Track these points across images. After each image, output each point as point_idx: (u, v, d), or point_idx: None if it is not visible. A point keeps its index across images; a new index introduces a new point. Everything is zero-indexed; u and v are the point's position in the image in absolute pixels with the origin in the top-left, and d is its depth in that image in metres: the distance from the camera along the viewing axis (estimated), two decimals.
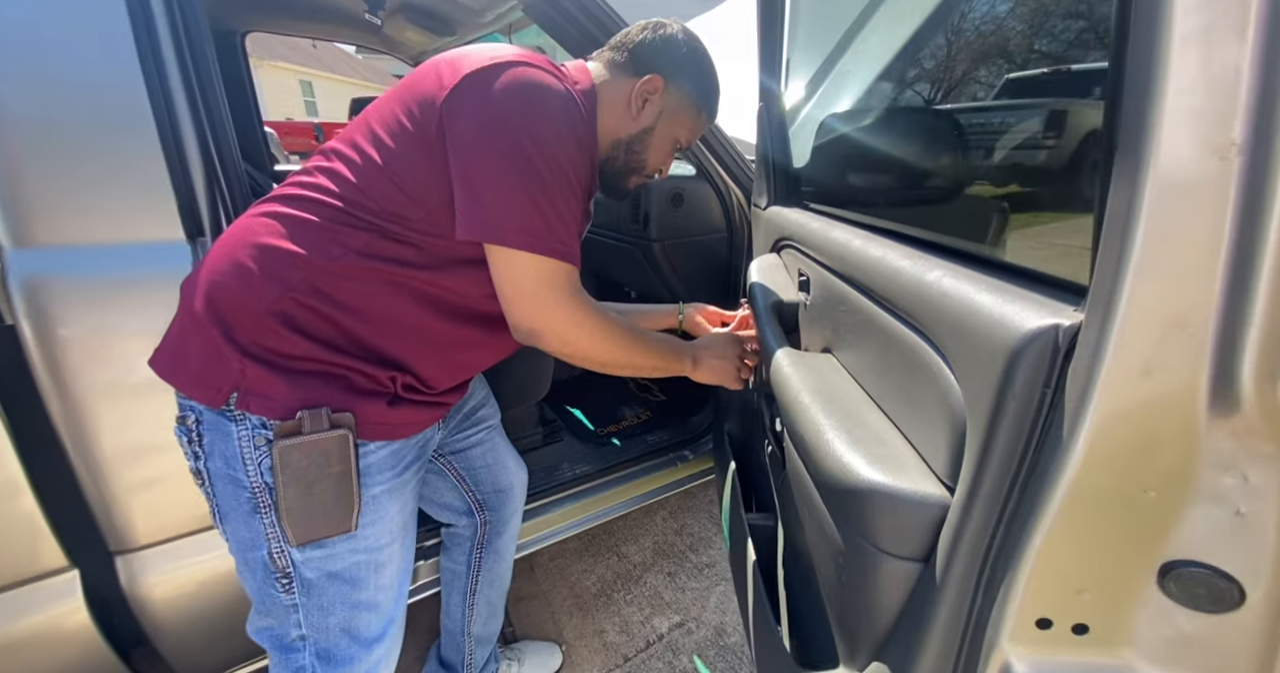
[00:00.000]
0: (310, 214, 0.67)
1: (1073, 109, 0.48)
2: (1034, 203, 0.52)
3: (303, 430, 0.65)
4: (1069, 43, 0.53)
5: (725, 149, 1.31)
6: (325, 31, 1.78)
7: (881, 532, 0.49)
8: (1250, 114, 0.25)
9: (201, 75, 0.78)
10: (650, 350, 0.81)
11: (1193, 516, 0.33)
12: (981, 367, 0.39)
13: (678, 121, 0.82)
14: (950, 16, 0.86)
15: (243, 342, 0.65)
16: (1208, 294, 0.28)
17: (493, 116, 0.63)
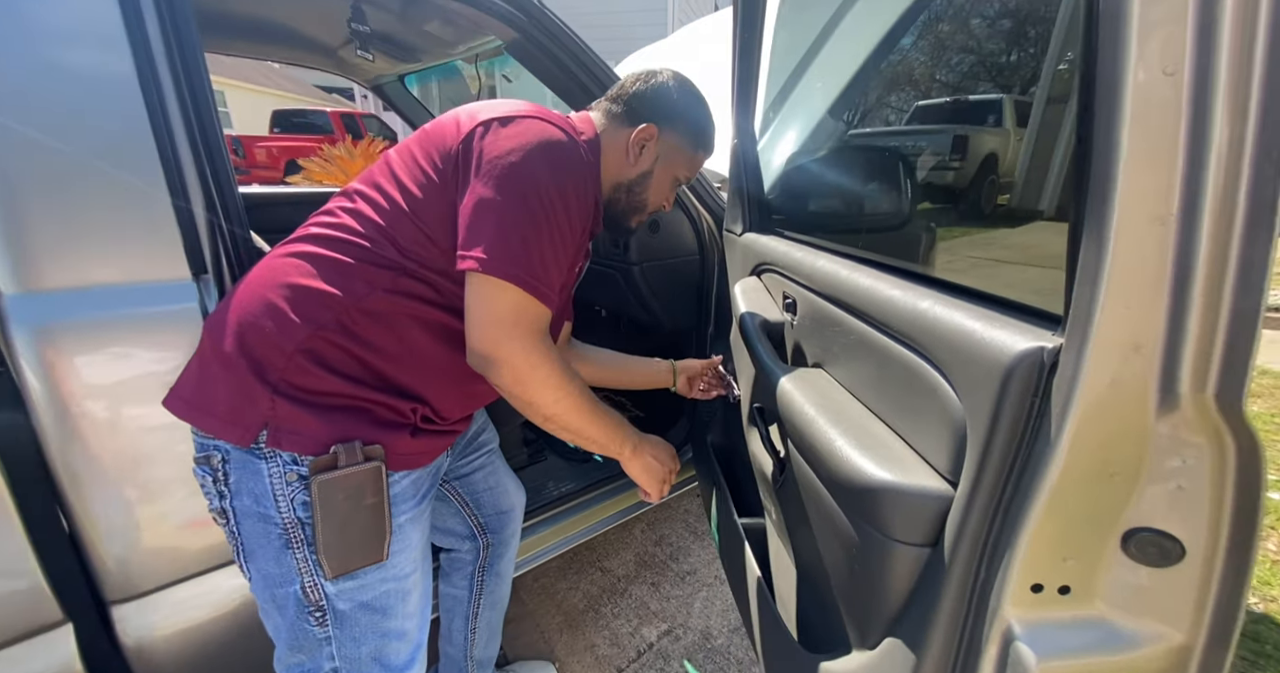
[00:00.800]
0: (340, 254, 0.69)
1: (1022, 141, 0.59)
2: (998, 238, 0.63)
3: (339, 464, 0.66)
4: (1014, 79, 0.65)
5: (697, 179, 1.40)
6: (284, 55, 1.74)
7: (894, 523, 0.57)
8: (1181, 190, 0.35)
9: (202, 112, 0.77)
10: (597, 421, 0.78)
11: (1146, 491, 0.43)
12: (979, 381, 0.48)
13: (674, 162, 0.88)
14: (904, 49, 1.00)
15: (273, 380, 0.65)
16: (1156, 326, 0.37)
17: (501, 160, 0.67)
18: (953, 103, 0.92)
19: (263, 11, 1.33)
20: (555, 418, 0.73)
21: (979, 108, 0.86)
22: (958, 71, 0.93)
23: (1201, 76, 0.32)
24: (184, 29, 0.75)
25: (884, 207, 1.04)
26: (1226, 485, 0.39)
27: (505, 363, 0.68)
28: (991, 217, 0.82)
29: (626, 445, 0.84)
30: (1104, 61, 0.34)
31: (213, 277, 0.79)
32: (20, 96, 0.65)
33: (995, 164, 0.86)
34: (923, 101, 1.01)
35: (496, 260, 0.64)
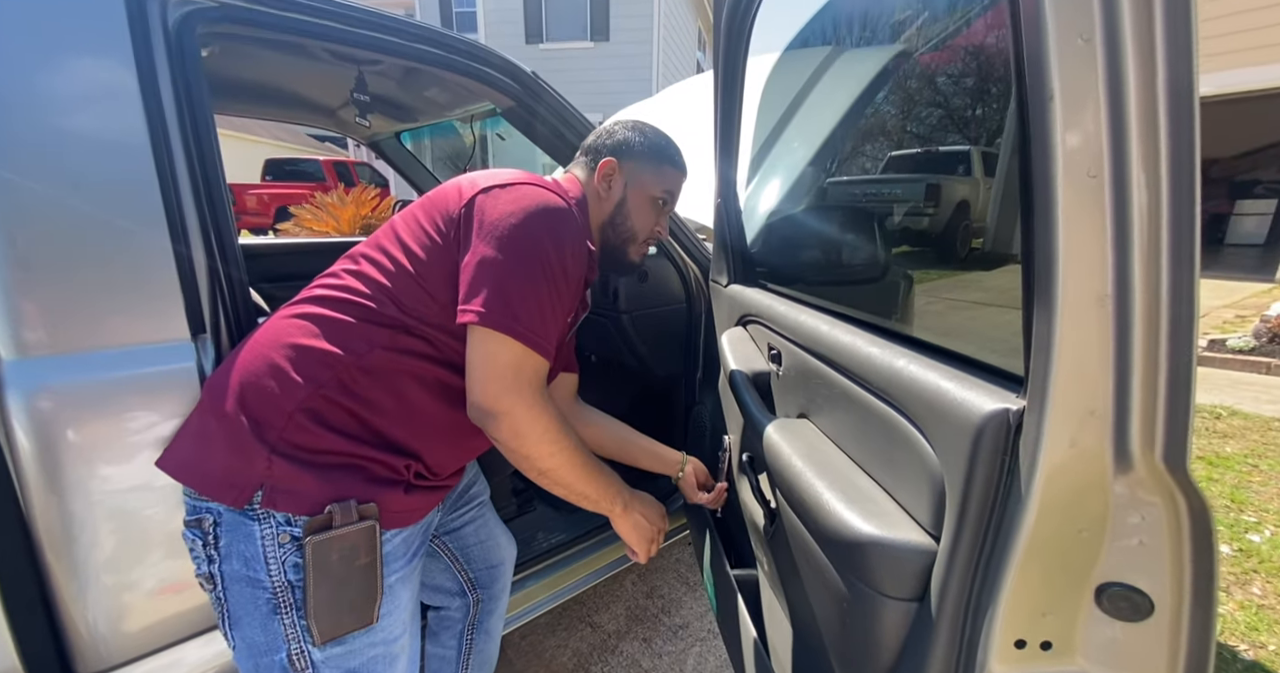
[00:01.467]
0: (341, 314, 0.71)
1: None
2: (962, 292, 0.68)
3: (334, 524, 0.66)
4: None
5: (682, 231, 1.47)
6: (284, 115, 1.81)
7: (882, 578, 0.58)
8: (1113, 276, 0.39)
9: (209, 174, 0.81)
10: (590, 477, 0.78)
11: (1113, 547, 0.45)
12: (953, 439, 0.51)
13: (643, 183, 0.91)
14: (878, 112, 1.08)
15: (271, 439, 0.66)
16: (1106, 393, 0.41)
17: (502, 221, 0.71)
18: (924, 153, 0.99)
19: (269, 78, 1.40)
20: (549, 472, 0.74)
21: (949, 158, 0.93)
22: (927, 124, 1.01)
23: (1118, 177, 0.37)
24: (196, 94, 0.79)
25: (860, 260, 1.10)
26: (1183, 541, 0.42)
27: (505, 416, 0.69)
28: (966, 260, 0.87)
29: (617, 503, 0.84)
30: (1038, 165, 0.39)
31: (210, 336, 0.81)
32: (30, 158, 0.67)
33: (968, 210, 0.92)
34: (895, 152, 1.08)
35: (496, 313, 0.67)
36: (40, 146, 0.68)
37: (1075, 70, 0.36)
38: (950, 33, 0.87)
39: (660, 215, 0.95)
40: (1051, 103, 0.37)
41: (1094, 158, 0.37)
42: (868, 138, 1.17)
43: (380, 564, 0.70)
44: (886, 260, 1.02)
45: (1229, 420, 2.97)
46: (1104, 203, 0.37)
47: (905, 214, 1.07)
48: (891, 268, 1.01)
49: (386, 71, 1.33)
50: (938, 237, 0.97)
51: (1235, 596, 1.70)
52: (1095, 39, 0.35)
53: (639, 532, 0.89)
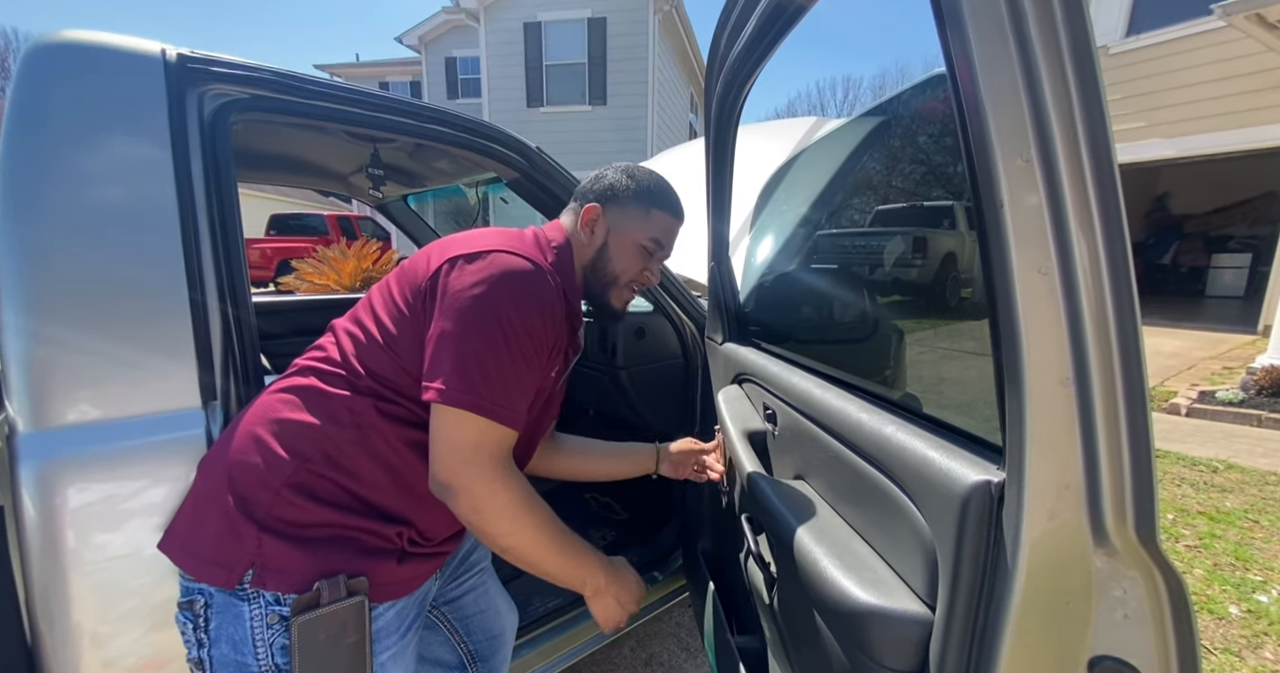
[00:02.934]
0: (324, 385, 0.73)
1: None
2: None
3: (321, 602, 0.65)
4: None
5: (677, 290, 1.53)
6: (298, 182, 1.91)
7: (882, 649, 0.58)
8: (1071, 360, 0.43)
9: (230, 244, 0.86)
10: (558, 555, 0.75)
11: (1100, 619, 0.46)
12: (942, 508, 0.53)
13: (627, 227, 0.88)
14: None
15: (260, 516, 0.67)
16: (1076, 468, 0.44)
17: (464, 293, 0.70)
18: (910, 208, 1.05)
19: (290, 151, 1.50)
20: (511, 550, 0.72)
21: (935, 212, 0.99)
22: (912, 179, 1.07)
23: (1066, 274, 0.42)
24: (224, 174, 0.85)
25: (846, 320, 1.15)
26: (1164, 613, 0.43)
27: (463, 491, 0.68)
28: (956, 310, 0.89)
29: (588, 587, 0.80)
30: (996, 262, 0.44)
31: (220, 404, 0.83)
32: (61, 233, 0.71)
33: (955, 262, 0.96)
34: (882, 206, 1.14)
35: (455, 390, 0.67)
36: (75, 222, 0.73)
37: (1019, 184, 0.41)
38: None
39: (649, 261, 0.92)
40: (1002, 210, 0.42)
41: (1043, 256, 0.42)
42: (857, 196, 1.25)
43: (369, 642, 0.69)
44: (875, 321, 1.07)
45: (1226, 474, 2.96)
46: (1056, 296, 0.42)
47: (891, 266, 1.13)
48: (879, 329, 1.06)
49: (400, 147, 1.42)
50: (925, 294, 1.02)
51: (1248, 660, 1.65)
52: (1033, 160, 0.40)
53: (610, 611, 0.84)
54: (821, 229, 1.32)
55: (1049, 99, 0.39)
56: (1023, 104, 0.40)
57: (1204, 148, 6.39)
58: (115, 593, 0.74)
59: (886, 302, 1.12)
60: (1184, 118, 6.39)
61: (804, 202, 1.58)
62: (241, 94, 0.90)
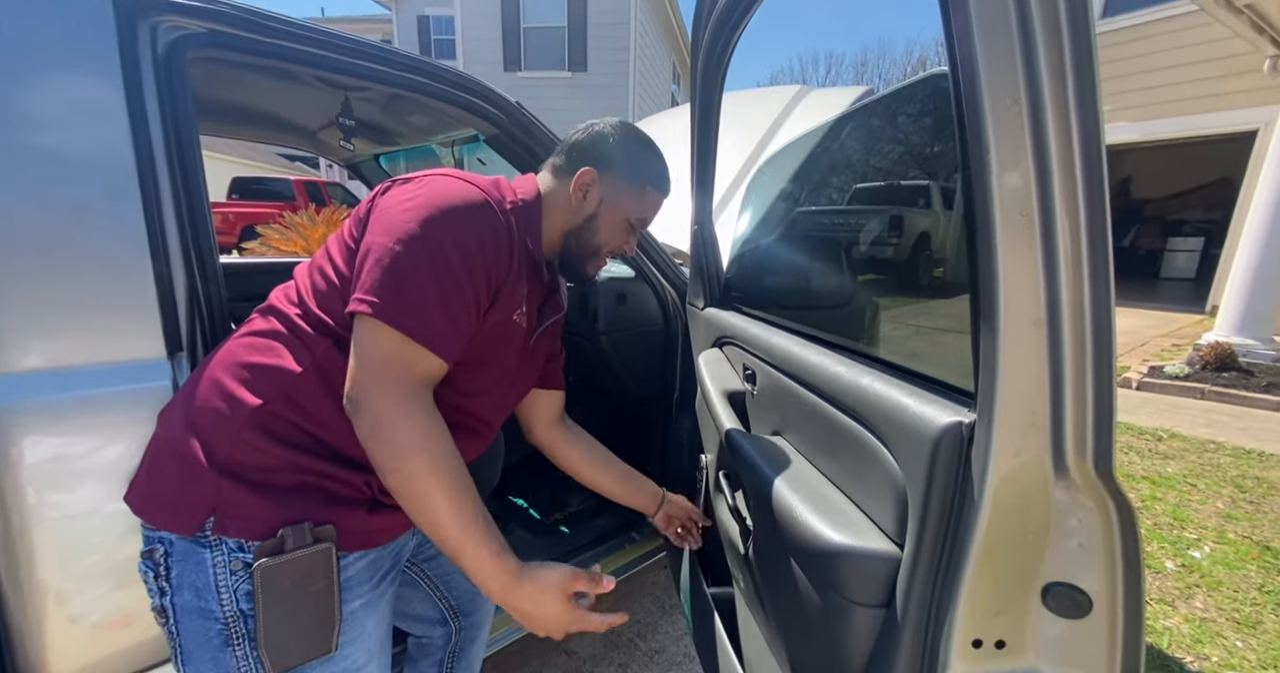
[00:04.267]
0: (284, 328, 0.71)
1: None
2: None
3: (285, 548, 0.64)
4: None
5: (659, 255, 1.52)
6: (264, 137, 1.81)
7: (851, 585, 0.61)
8: (1045, 301, 0.44)
9: (192, 190, 0.82)
10: (450, 514, 0.63)
11: (1055, 549, 0.49)
12: (914, 451, 0.55)
13: (621, 203, 0.86)
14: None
15: (220, 462, 0.65)
16: (1043, 406, 0.46)
17: (393, 209, 0.68)
18: (887, 186, 1.05)
19: (254, 100, 1.42)
20: (400, 490, 0.64)
21: (911, 191, 1.00)
22: (889, 159, 1.07)
23: (1045, 215, 0.43)
24: (182, 114, 0.81)
25: (828, 287, 1.17)
26: (1115, 542, 0.46)
27: (367, 408, 0.63)
28: (927, 288, 0.92)
29: (499, 568, 0.65)
30: (979, 207, 0.44)
31: (187, 355, 0.80)
32: (9, 171, 0.67)
33: (929, 241, 0.98)
34: (861, 184, 1.15)
35: (376, 302, 0.63)
36: (22, 160, 0.69)
37: (1007, 127, 0.42)
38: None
39: (631, 235, 0.90)
40: (988, 154, 0.43)
41: (1025, 200, 0.43)
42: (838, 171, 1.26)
43: (338, 589, 0.69)
44: (854, 287, 1.09)
45: (1169, 443, 3.16)
46: (1035, 238, 0.43)
47: (871, 243, 1.14)
48: (860, 292, 1.08)
49: (373, 98, 1.36)
50: (901, 263, 1.04)
51: (1180, 609, 1.79)
52: (1021, 102, 0.41)
53: (530, 613, 0.67)
54: (811, 201, 1.32)
55: (1039, 35, 0.40)
56: (1014, 39, 0.40)
57: (1167, 132, 6.57)
58: (79, 549, 0.73)
59: (866, 271, 1.14)
60: (1150, 102, 6.54)
61: (795, 176, 1.58)
62: (198, 28, 0.84)
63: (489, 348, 0.77)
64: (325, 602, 0.68)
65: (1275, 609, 1.79)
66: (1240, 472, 2.79)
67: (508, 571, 0.66)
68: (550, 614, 0.68)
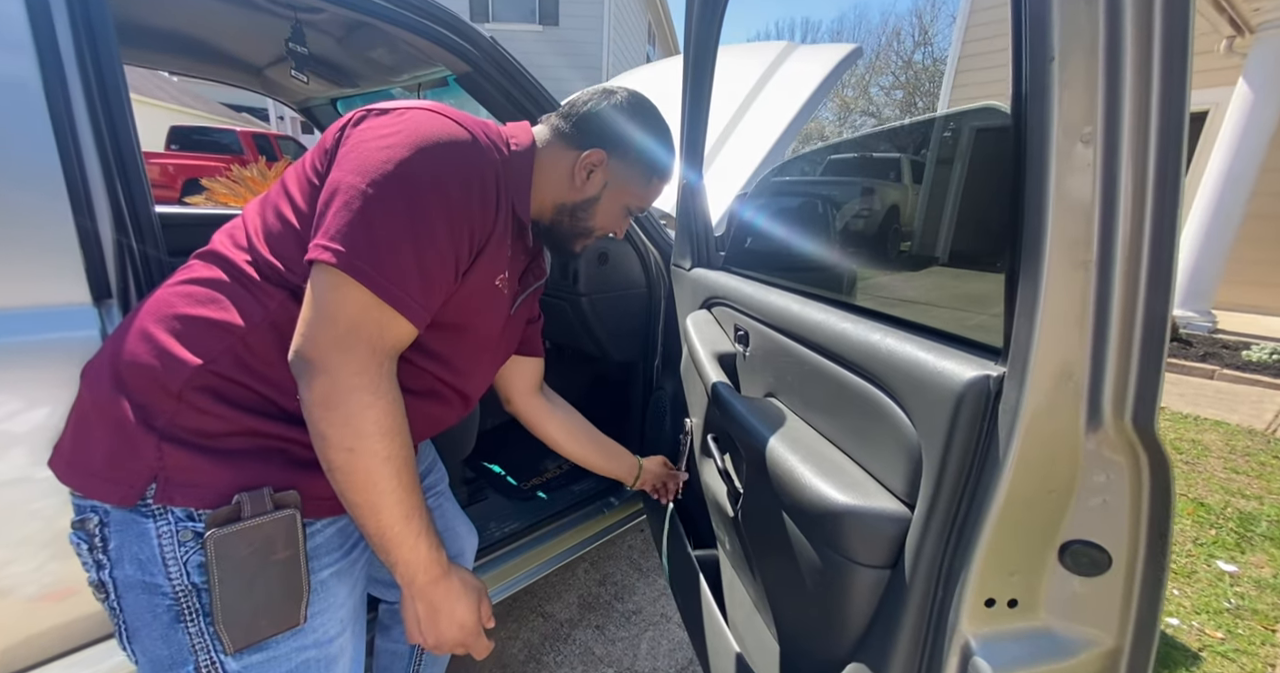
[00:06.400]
0: (229, 277, 0.62)
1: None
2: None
3: (242, 516, 0.58)
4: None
5: (644, 216, 1.45)
6: (203, 71, 1.62)
7: (856, 546, 0.59)
8: (1098, 241, 0.40)
9: (115, 118, 0.71)
10: (393, 505, 0.58)
11: (1078, 506, 0.47)
12: (932, 407, 0.52)
13: (625, 190, 0.81)
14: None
15: (161, 425, 0.57)
16: (1083, 357, 0.42)
17: (366, 145, 0.58)
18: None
19: (187, 23, 1.25)
20: (342, 471, 0.57)
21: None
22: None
23: (1110, 142, 0.38)
24: (99, 32, 0.69)
25: (831, 244, 1.13)
26: (1143, 499, 0.44)
27: (322, 374, 0.55)
28: (937, 239, 0.88)
29: (406, 575, 0.62)
30: (1032, 131, 0.40)
31: (117, 302, 0.70)
32: None
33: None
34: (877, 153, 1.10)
35: (336, 249, 0.54)
36: None
37: (1075, 31, 0.36)
38: None
39: (626, 219, 0.86)
40: (1051, 65, 0.37)
41: (1088, 121, 0.38)
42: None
43: (304, 558, 0.62)
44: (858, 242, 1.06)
45: None
46: (1095, 167, 0.39)
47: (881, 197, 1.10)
48: (861, 253, 1.04)
49: (328, 25, 1.22)
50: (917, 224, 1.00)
51: None
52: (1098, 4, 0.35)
53: (421, 627, 0.64)
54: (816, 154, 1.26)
55: None
56: None
57: None
58: (7, 517, 0.64)
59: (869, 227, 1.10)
60: None
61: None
62: None
63: (468, 313, 0.70)
64: (291, 572, 0.62)
65: (1207, 560, 1.92)
66: (1178, 435, 2.97)
67: (441, 565, 0.64)
68: (463, 616, 0.66)
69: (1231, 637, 1.57)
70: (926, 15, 18.80)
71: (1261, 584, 1.78)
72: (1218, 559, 1.92)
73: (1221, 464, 2.63)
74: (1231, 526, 2.11)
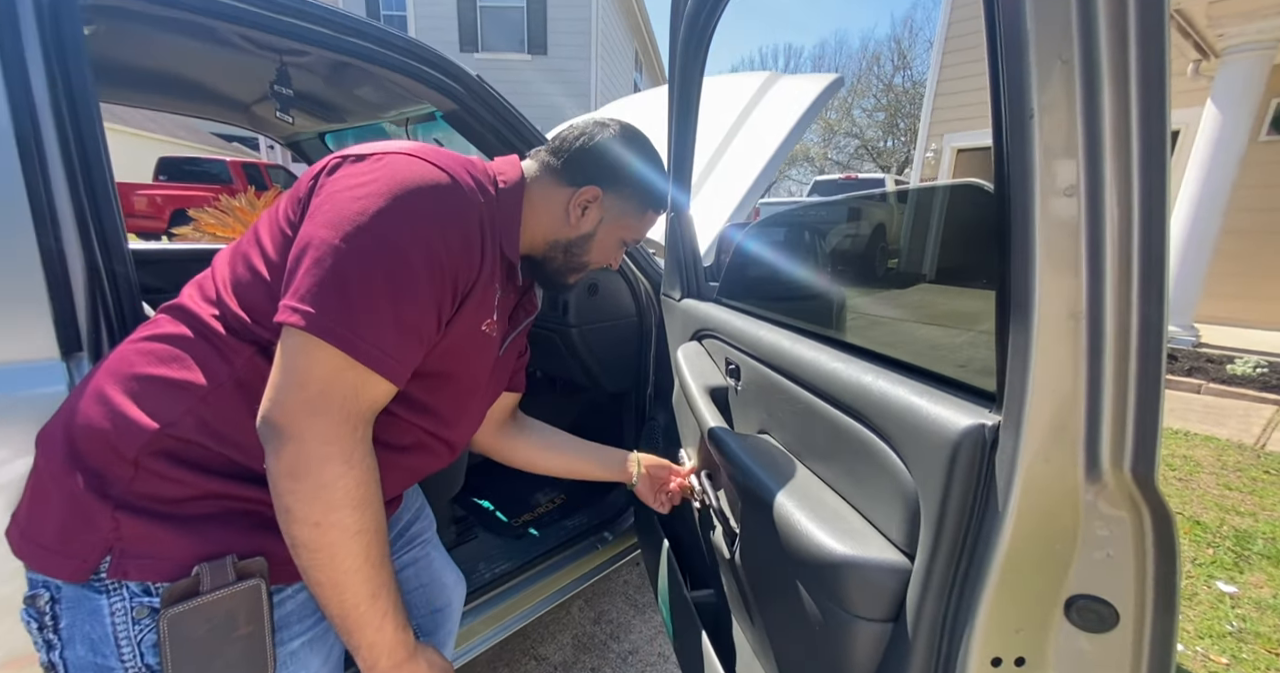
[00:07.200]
0: (192, 330, 0.59)
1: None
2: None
3: (201, 589, 0.54)
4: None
5: (634, 246, 1.45)
6: (190, 109, 1.62)
7: (855, 599, 0.57)
8: (1087, 291, 0.40)
9: (92, 164, 0.69)
10: (360, 585, 0.55)
11: (1082, 559, 0.46)
12: (928, 455, 0.51)
13: (621, 224, 0.80)
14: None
15: (116, 494, 0.54)
16: (1079, 407, 0.42)
17: (340, 195, 0.55)
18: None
19: (173, 64, 1.25)
20: (308, 547, 0.53)
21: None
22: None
23: (1093, 194, 0.38)
24: (76, 76, 0.68)
25: (822, 279, 1.13)
26: (1147, 552, 0.43)
27: (292, 439, 0.52)
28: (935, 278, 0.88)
29: (370, 659, 0.58)
30: (1015, 186, 0.39)
31: (88, 355, 0.68)
32: None
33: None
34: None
35: (305, 312, 0.52)
36: None
37: (1055, 89, 0.36)
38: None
39: (620, 250, 0.84)
40: (1031, 121, 0.37)
41: (1070, 176, 0.38)
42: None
43: (270, 632, 0.58)
44: (848, 277, 1.06)
45: None
46: (1079, 219, 0.38)
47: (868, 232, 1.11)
48: (851, 286, 1.04)
49: (313, 65, 1.22)
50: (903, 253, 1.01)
51: None
52: (1074, 61, 0.36)
53: None
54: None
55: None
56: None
57: None
58: None
59: (861, 262, 1.11)
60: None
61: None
62: None
63: (454, 361, 0.67)
64: (254, 649, 0.58)
65: (1207, 581, 1.90)
66: (1170, 451, 2.97)
67: (407, 647, 0.61)
68: None
69: (1237, 662, 1.54)
70: (905, 41, 19.55)
71: (1262, 605, 1.76)
72: (1217, 580, 1.90)
73: (1214, 480, 2.63)
74: (1228, 544, 2.10)
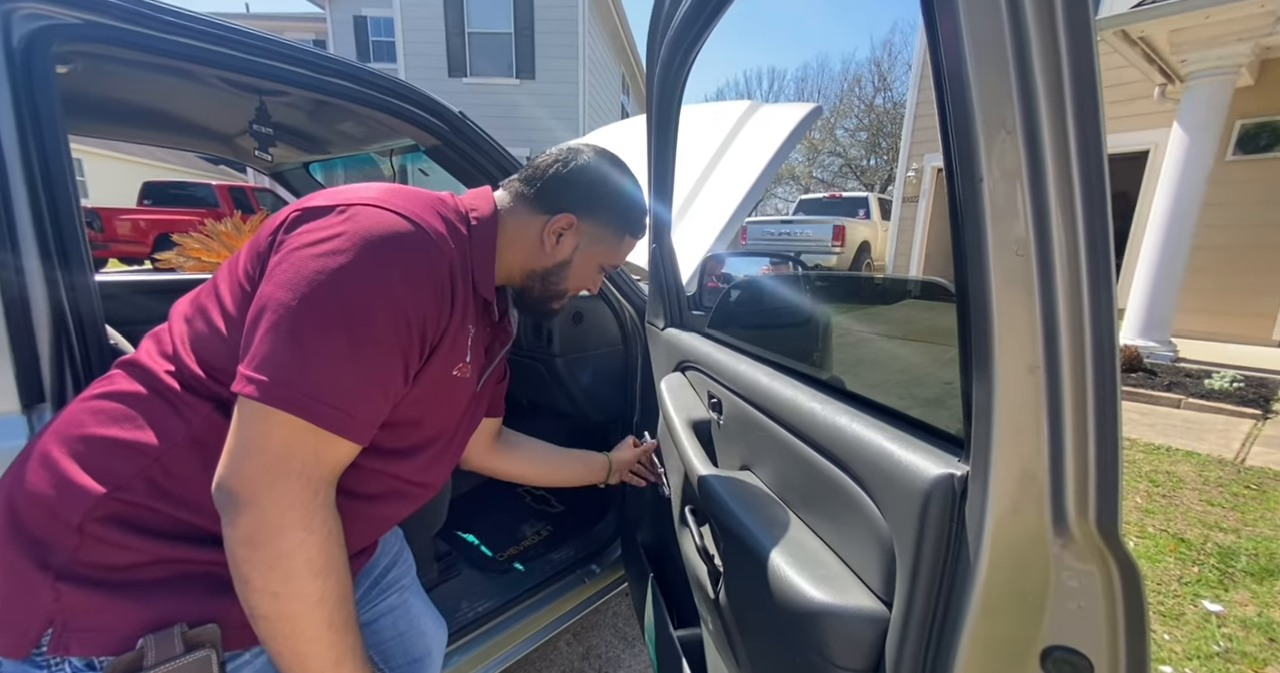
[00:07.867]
0: (145, 386, 0.58)
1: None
2: None
3: (144, 665, 0.52)
4: None
5: (617, 273, 1.46)
6: (169, 142, 1.62)
7: (835, 648, 0.56)
8: (1042, 346, 0.41)
9: (59, 207, 0.69)
10: (335, 645, 0.55)
11: (1054, 610, 0.46)
12: (901, 502, 0.51)
13: (597, 251, 0.80)
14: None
15: (59, 562, 0.52)
16: (1040, 460, 0.42)
17: (299, 254, 0.54)
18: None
19: (151, 102, 1.25)
20: (267, 619, 0.52)
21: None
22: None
23: (1043, 254, 0.39)
24: (45, 119, 0.68)
25: (800, 316, 1.14)
26: (1117, 605, 0.43)
27: (249, 506, 0.50)
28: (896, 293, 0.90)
29: None
30: (969, 245, 0.40)
31: (51, 407, 0.67)
32: None
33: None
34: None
35: (261, 379, 0.50)
36: None
37: (1001, 156, 0.38)
38: None
39: (599, 275, 0.84)
40: (981, 185, 0.39)
41: (1020, 237, 0.39)
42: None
43: None
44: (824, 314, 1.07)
45: None
46: (1031, 280, 0.39)
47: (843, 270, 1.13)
48: (828, 322, 1.05)
49: (294, 103, 1.23)
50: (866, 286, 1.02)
51: None
52: (1017, 132, 0.37)
53: None
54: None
55: (1037, 66, 0.36)
56: (1010, 72, 0.37)
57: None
58: None
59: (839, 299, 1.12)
60: None
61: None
62: (71, 19, 0.72)
63: (425, 407, 0.67)
64: None
65: (1194, 600, 1.90)
66: (1153, 467, 2.99)
67: None
68: None
69: None
70: (884, 64, 20.17)
71: (1247, 624, 1.77)
72: (1203, 598, 1.90)
73: (1197, 496, 2.65)
74: (1213, 561, 2.11)
